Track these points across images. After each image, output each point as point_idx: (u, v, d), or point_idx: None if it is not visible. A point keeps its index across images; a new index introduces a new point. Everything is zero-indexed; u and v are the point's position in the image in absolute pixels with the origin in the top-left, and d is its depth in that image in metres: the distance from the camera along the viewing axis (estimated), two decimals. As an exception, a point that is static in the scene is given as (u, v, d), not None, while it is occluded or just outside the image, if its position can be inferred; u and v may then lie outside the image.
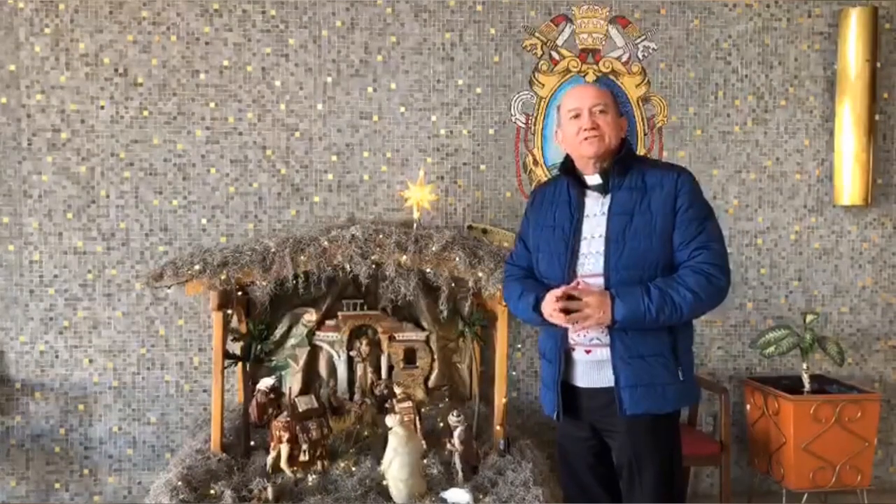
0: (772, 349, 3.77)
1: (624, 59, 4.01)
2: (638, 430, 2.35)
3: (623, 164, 2.41)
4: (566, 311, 2.28)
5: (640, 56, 4.02)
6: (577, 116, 2.42)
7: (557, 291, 2.32)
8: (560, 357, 2.42)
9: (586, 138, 2.39)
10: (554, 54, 3.97)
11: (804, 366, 3.76)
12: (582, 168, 2.47)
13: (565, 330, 2.39)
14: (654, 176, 2.39)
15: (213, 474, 2.99)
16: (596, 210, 2.42)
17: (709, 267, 2.30)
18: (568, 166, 2.51)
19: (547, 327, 2.48)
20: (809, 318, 3.77)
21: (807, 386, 3.73)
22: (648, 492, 2.36)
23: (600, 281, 2.34)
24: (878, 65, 4.01)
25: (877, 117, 4.04)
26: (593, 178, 2.44)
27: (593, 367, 2.38)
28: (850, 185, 4.00)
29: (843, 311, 4.15)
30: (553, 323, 2.36)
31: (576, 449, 2.52)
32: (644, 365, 2.32)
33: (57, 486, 3.80)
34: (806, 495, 3.67)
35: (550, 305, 2.32)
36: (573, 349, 2.41)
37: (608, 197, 2.40)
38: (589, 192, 2.45)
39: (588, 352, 2.38)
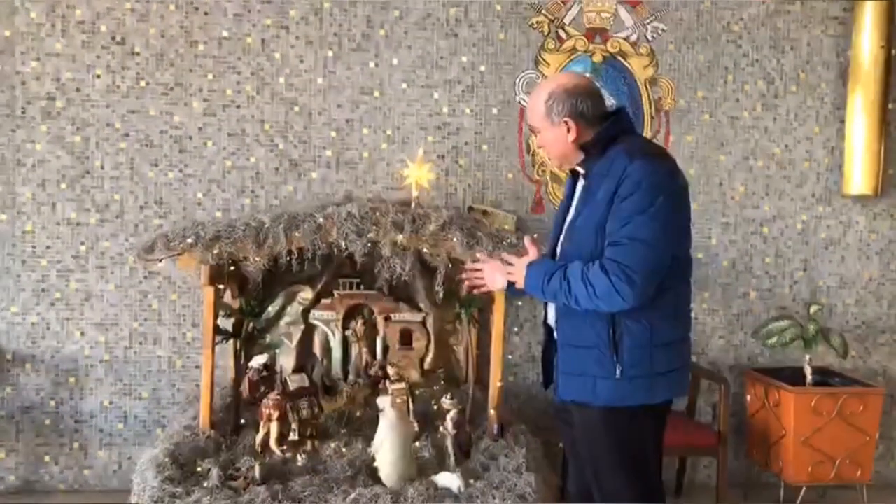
0: (774, 340, 3.71)
1: (632, 39, 3.92)
2: (586, 418, 2.29)
3: (596, 150, 2.26)
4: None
5: (649, 37, 3.92)
6: None
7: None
8: (545, 335, 2.51)
9: None
10: (561, 33, 3.88)
11: (807, 357, 3.69)
12: None
13: (545, 310, 2.48)
14: (616, 162, 2.20)
15: (200, 451, 2.95)
16: (578, 198, 2.37)
17: (615, 266, 2.11)
18: None
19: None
20: (814, 309, 3.70)
21: (809, 378, 3.67)
22: (606, 487, 2.29)
23: None
24: (894, 52, 3.91)
25: (890, 106, 3.94)
26: (580, 169, 2.38)
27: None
28: (859, 174, 3.92)
29: (849, 303, 4.07)
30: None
31: (560, 422, 2.50)
32: (576, 354, 2.27)
33: (46, 459, 3.76)
34: (804, 489, 3.61)
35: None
36: (554, 329, 2.41)
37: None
38: (581, 179, 2.38)
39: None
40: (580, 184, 2.36)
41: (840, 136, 3.99)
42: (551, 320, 2.42)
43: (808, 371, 3.67)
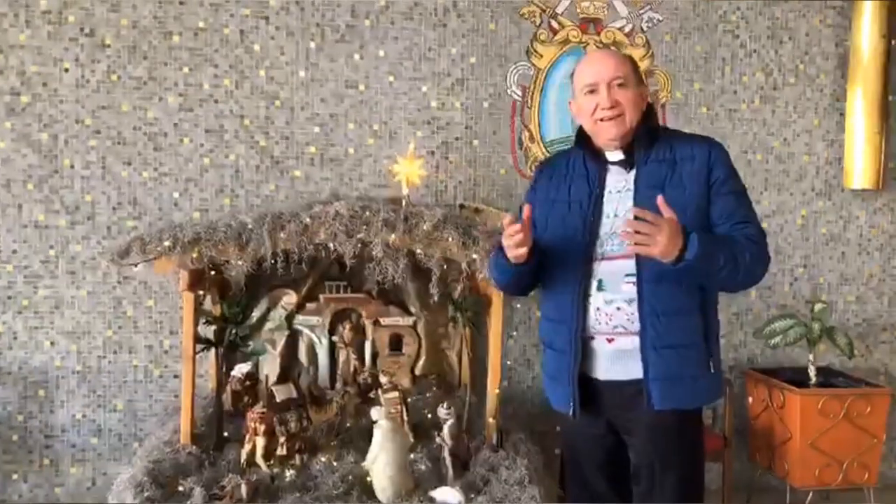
0: (778, 339, 3.59)
1: (627, 29, 3.78)
2: (663, 427, 2.12)
3: (649, 135, 2.18)
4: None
5: (644, 27, 3.79)
6: (593, 91, 2.16)
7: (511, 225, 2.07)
8: (575, 346, 2.16)
9: (603, 119, 2.15)
10: (553, 23, 3.73)
11: (810, 357, 3.58)
12: (601, 145, 2.23)
13: (581, 317, 2.14)
14: (684, 147, 2.17)
15: (181, 469, 2.76)
16: (619, 186, 2.18)
17: (759, 239, 2.10)
18: (583, 139, 2.27)
19: (552, 315, 2.25)
20: (818, 307, 3.58)
21: (813, 379, 3.55)
22: (670, 496, 2.15)
23: (630, 263, 2.11)
24: (894, 42, 3.81)
25: (890, 98, 3.84)
26: (615, 155, 2.20)
27: (616, 358, 2.14)
28: (860, 168, 3.82)
29: (850, 301, 3.97)
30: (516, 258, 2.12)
31: (587, 447, 2.29)
32: (675, 355, 2.09)
33: (14, 476, 3.54)
34: (811, 493, 3.49)
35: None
36: (592, 338, 2.16)
37: (632, 172, 2.18)
38: (610, 167, 2.22)
39: (610, 341, 2.15)
40: (614, 172, 2.21)
41: (840, 129, 3.89)
42: (597, 328, 2.16)
43: (812, 371, 3.55)
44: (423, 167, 3.42)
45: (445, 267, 3.10)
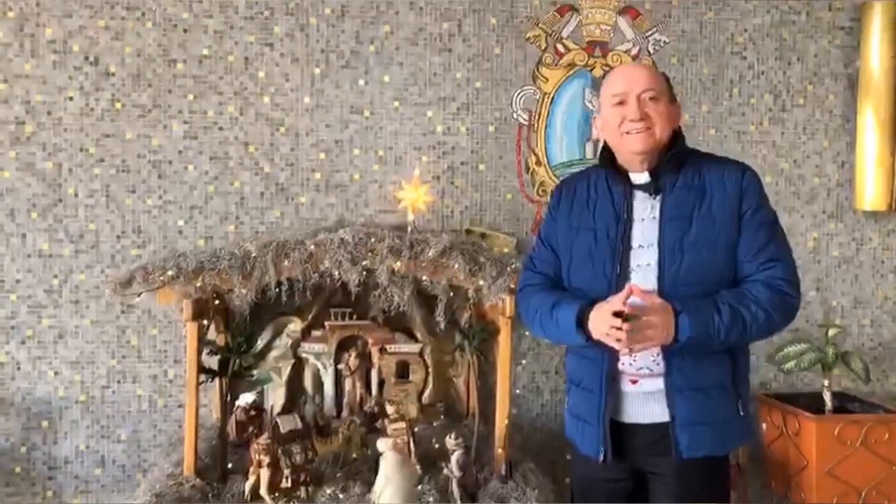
0: (791, 364, 3.52)
1: (633, 52, 3.75)
2: (691, 473, 2.04)
3: (677, 159, 2.08)
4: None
5: (651, 50, 3.76)
6: (622, 103, 2.06)
7: (615, 304, 1.93)
8: (605, 387, 2.08)
9: (630, 132, 2.04)
10: (559, 47, 3.71)
11: (825, 383, 3.51)
12: (626, 164, 2.13)
13: (610, 354, 2.06)
14: (715, 173, 2.06)
15: (185, 502, 2.71)
16: (645, 214, 2.08)
17: (783, 284, 2.02)
18: (608, 157, 2.17)
19: (581, 350, 2.16)
20: (832, 332, 3.52)
21: (829, 404, 3.48)
22: None
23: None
24: (904, 61, 3.78)
25: (901, 117, 3.79)
26: (640, 177, 2.10)
27: (640, 401, 2.07)
28: (871, 189, 3.76)
29: (864, 324, 3.90)
30: (600, 344, 2.00)
31: (604, 491, 2.21)
32: (704, 398, 2.01)
33: (17, 509, 3.50)
34: (829, 522, 3.41)
35: (607, 323, 1.92)
36: (618, 378, 2.09)
37: (658, 198, 2.08)
38: (636, 191, 2.12)
39: (634, 382, 2.07)
40: (642, 197, 2.11)
41: (850, 150, 3.84)
42: (622, 368, 2.08)
43: (828, 397, 3.48)
44: (429, 192, 3.40)
45: (452, 294, 3.06)
